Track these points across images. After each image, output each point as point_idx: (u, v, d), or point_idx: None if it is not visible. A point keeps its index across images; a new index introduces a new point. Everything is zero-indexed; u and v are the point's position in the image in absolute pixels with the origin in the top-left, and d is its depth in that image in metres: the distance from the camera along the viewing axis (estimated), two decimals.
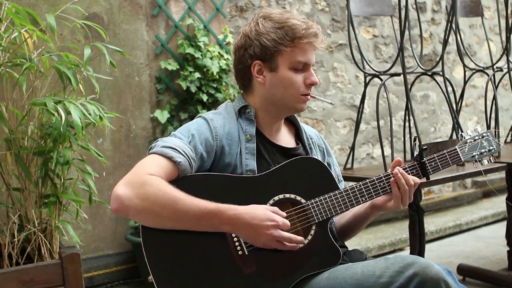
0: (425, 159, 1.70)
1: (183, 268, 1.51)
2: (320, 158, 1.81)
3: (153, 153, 1.56)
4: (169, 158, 1.54)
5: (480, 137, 1.80)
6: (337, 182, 1.82)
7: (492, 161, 1.83)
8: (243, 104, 1.73)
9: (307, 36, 1.64)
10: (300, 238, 1.55)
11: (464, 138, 1.79)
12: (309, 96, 1.70)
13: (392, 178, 1.65)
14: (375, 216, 1.75)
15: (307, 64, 1.67)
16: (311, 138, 1.84)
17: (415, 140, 1.83)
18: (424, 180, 1.73)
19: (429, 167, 1.70)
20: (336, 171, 1.88)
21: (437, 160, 1.72)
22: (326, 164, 1.73)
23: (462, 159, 1.75)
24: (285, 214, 1.55)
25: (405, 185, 1.63)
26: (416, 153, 1.72)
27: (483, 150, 1.78)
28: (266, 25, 1.66)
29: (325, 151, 1.87)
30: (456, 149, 1.75)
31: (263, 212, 1.51)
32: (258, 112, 1.73)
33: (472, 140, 1.78)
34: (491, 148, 1.80)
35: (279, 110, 1.72)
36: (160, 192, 1.47)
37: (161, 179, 1.50)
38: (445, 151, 1.74)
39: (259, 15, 1.70)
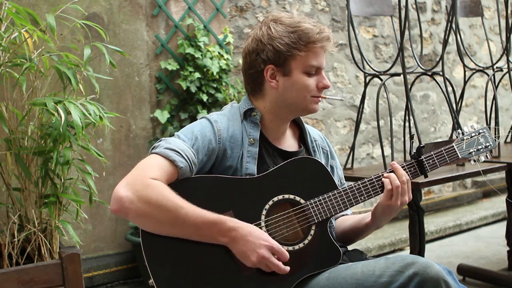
0: (422, 156, 1.71)
1: (183, 270, 1.51)
2: (323, 161, 1.80)
3: (156, 153, 1.56)
4: (171, 161, 1.53)
5: (477, 133, 1.80)
6: (340, 185, 1.81)
7: (489, 157, 1.84)
8: (249, 106, 1.71)
9: (321, 40, 1.64)
10: (286, 268, 1.52)
11: (461, 135, 1.80)
12: (320, 98, 1.70)
13: (385, 174, 1.65)
14: (377, 226, 1.73)
15: (319, 68, 1.67)
16: (315, 141, 1.83)
17: (412, 137, 1.84)
18: (422, 177, 1.73)
19: (426, 165, 1.71)
20: (339, 174, 1.88)
21: (435, 158, 1.72)
22: (324, 165, 1.72)
23: (460, 156, 1.76)
24: (286, 253, 1.52)
25: (396, 180, 1.63)
26: (413, 151, 1.73)
27: (480, 147, 1.79)
28: (278, 29, 1.64)
29: (328, 154, 1.87)
30: (453, 146, 1.76)
31: (262, 232, 1.52)
32: (266, 115, 1.71)
33: (469, 137, 1.79)
34: (487, 144, 1.81)
35: (290, 112, 1.72)
36: (162, 198, 1.47)
37: (163, 184, 1.49)
38: (442, 148, 1.75)
39: (269, 19, 1.69)
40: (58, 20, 2.30)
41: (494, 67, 3.34)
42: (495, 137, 1.85)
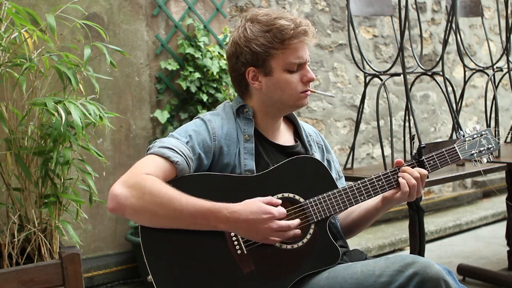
0: (423, 157, 1.70)
1: (182, 267, 1.51)
2: (319, 155, 1.81)
3: (151, 153, 1.57)
4: (166, 158, 1.54)
5: (479, 135, 1.79)
6: (338, 178, 1.83)
7: (491, 159, 1.82)
8: (241, 103, 1.73)
9: (297, 36, 1.62)
10: (297, 221, 1.54)
11: (463, 136, 1.78)
12: (308, 92, 1.70)
13: (400, 173, 1.65)
14: (385, 211, 1.75)
15: (301, 63, 1.67)
16: (310, 136, 1.84)
17: (413, 138, 1.83)
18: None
19: (427, 166, 1.70)
20: (336, 167, 1.89)
21: (436, 159, 1.71)
22: (324, 163, 1.73)
23: (461, 157, 1.74)
24: (279, 202, 1.54)
25: (412, 179, 1.64)
26: (414, 151, 1.72)
27: (482, 149, 1.78)
28: (254, 29, 1.64)
29: (324, 148, 1.87)
30: (454, 147, 1.75)
31: (258, 207, 1.50)
32: (257, 112, 1.72)
33: (471, 139, 1.78)
34: (489, 146, 1.79)
35: (279, 110, 1.72)
36: (156, 191, 1.48)
37: (157, 178, 1.50)
38: (443, 149, 1.73)
39: (246, 19, 1.69)
40: (58, 20, 2.30)
41: (494, 67, 3.34)
42: (497, 138, 1.84)
